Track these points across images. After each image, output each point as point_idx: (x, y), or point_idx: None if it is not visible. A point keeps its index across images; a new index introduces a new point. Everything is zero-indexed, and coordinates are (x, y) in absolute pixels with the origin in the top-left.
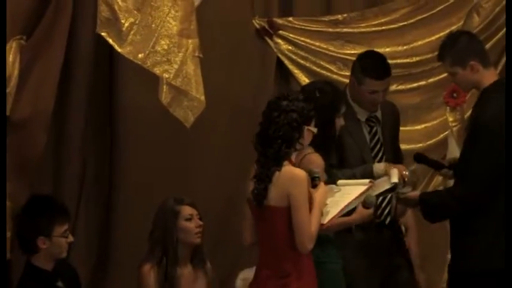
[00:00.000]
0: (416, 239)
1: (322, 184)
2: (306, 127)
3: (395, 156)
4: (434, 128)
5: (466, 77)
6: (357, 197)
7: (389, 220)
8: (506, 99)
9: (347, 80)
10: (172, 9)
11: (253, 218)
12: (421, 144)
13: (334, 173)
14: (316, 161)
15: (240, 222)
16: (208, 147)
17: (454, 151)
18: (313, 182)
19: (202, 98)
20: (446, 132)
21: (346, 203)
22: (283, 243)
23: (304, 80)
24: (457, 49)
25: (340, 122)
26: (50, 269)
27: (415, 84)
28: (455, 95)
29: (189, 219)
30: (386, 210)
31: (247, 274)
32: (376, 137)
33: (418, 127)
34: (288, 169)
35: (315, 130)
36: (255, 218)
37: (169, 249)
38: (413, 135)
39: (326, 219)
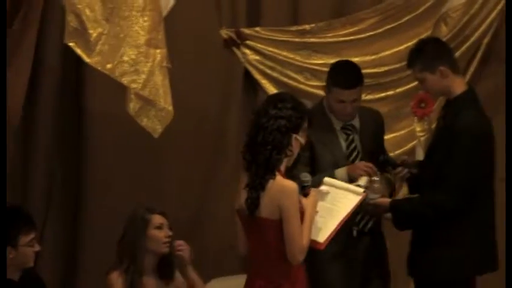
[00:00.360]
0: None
1: (313, 193)
2: (294, 135)
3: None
4: (402, 137)
5: (436, 83)
6: (352, 210)
7: (370, 227)
8: (506, 99)
9: (314, 90)
10: (140, 19)
11: (243, 228)
12: (391, 154)
13: None
14: None
15: (207, 229)
16: (177, 156)
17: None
18: (304, 190)
19: (170, 108)
20: (414, 142)
21: (340, 218)
22: (275, 254)
23: (271, 90)
24: (426, 54)
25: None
26: (16, 279)
27: (383, 94)
28: (422, 104)
29: (158, 228)
30: (366, 217)
31: (217, 283)
32: (353, 145)
33: (386, 137)
34: (278, 181)
35: (302, 141)
36: (246, 229)
37: (137, 257)
38: None
39: (323, 238)
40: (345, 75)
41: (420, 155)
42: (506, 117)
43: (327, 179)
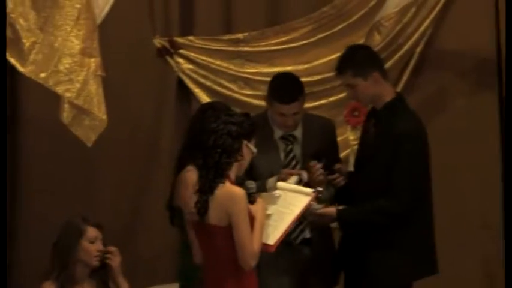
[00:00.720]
0: None
1: (259, 199)
2: (245, 142)
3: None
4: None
5: (367, 89)
6: (302, 211)
7: (306, 238)
8: (507, 100)
9: (247, 99)
10: (74, 28)
11: (195, 235)
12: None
13: None
14: (192, 178)
15: (141, 238)
16: (111, 164)
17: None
18: (250, 197)
19: (104, 117)
20: (348, 151)
21: (290, 220)
22: (226, 261)
23: (204, 98)
24: (357, 60)
25: None
26: None
27: (316, 103)
28: (356, 113)
29: (91, 242)
30: (302, 226)
31: None
32: (291, 155)
33: None
34: (227, 187)
35: (253, 150)
36: (197, 236)
37: (68, 265)
38: None
39: (273, 240)
40: (285, 90)
41: (353, 163)
42: (506, 118)
43: (279, 184)
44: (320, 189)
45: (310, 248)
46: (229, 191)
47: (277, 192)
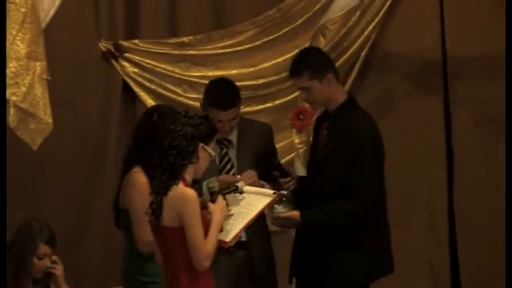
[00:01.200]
0: None
1: (220, 198)
2: (202, 144)
3: (274, 174)
4: (281, 149)
5: (323, 91)
6: (260, 211)
7: (240, 241)
8: (506, 100)
9: (192, 103)
10: (20, 32)
11: (153, 236)
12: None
13: None
14: (139, 179)
15: (88, 242)
16: (57, 167)
17: (300, 172)
18: (212, 196)
19: (50, 120)
20: (293, 154)
21: (249, 218)
22: (180, 261)
23: (150, 102)
24: (313, 63)
25: None
26: None
27: (261, 106)
28: (301, 116)
29: (41, 259)
30: None
31: None
32: (226, 158)
33: None
34: (179, 188)
35: (212, 153)
36: (155, 238)
37: (19, 269)
38: None
39: (229, 236)
40: (221, 96)
41: (300, 169)
42: (506, 117)
43: (246, 187)
44: (284, 192)
45: (246, 251)
46: (181, 192)
47: (240, 195)
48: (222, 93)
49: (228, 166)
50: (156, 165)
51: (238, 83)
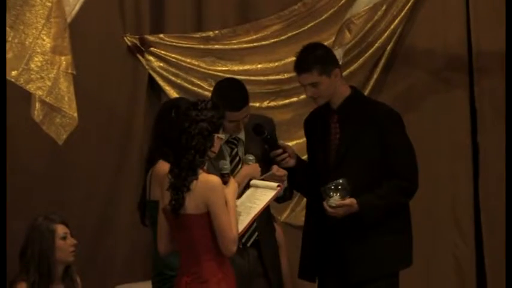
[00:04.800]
0: (287, 257)
1: (232, 180)
2: (216, 135)
3: (264, 147)
4: (305, 145)
5: (331, 86)
6: (266, 205)
7: (254, 240)
8: (506, 101)
9: None
10: (45, 26)
11: (169, 227)
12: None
13: None
14: (165, 168)
15: (113, 237)
16: (82, 163)
17: None
18: (223, 178)
19: (75, 115)
20: None
21: (256, 211)
22: (202, 249)
23: (175, 96)
24: (322, 58)
25: None
26: None
27: (286, 101)
28: None
29: (63, 238)
30: (250, 230)
31: None
32: (237, 158)
33: (290, 143)
34: (202, 177)
35: (223, 137)
36: (172, 227)
37: (45, 268)
38: None
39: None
40: (233, 97)
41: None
42: (506, 117)
43: (252, 181)
44: (340, 180)
45: (257, 249)
46: (206, 180)
47: (249, 190)
48: (233, 93)
49: (239, 166)
50: (172, 163)
51: (263, 78)
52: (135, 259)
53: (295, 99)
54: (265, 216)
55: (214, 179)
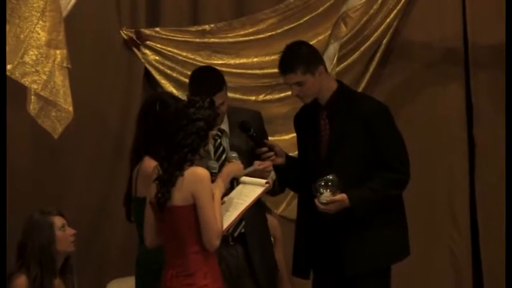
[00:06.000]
0: (283, 251)
1: (219, 180)
2: (211, 132)
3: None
4: None
5: (315, 84)
6: (254, 201)
7: (239, 233)
8: (506, 100)
9: None
10: (40, 20)
11: (155, 219)
12: (290, 154)
13: None
14: (151, 165)
15: (109, 231)
16: (77, 157)
17: None
18: (211, 177)
19: (70, 108)
20: None
21: (243, 207)
22: (188, 241)
23: (171, 90)
24: (305, 57)
25: None
26: None
27: (282, 95)
28: None
29: (62, 229)
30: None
31: (116, 285)
32: (221, 148)
33: (286, 137)
34: (190, 170)
35: (214, 133)
36: (158, 220)
37: (48, 260)
38: (282, 145)
39: (224, 226)
40: (206, 83)
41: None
42: (506, 118)
43: (242, 178)
44: (330, 177)
45: (243, 244)
46: (194, 172)
47: (238, 187)
48: (206, 80)
49: (223, 156)
50: (163, 157)
51: (259, 71)
52: (130, 253)
53: (291, 92)
54: (253, 209)
55: (203, 171)
